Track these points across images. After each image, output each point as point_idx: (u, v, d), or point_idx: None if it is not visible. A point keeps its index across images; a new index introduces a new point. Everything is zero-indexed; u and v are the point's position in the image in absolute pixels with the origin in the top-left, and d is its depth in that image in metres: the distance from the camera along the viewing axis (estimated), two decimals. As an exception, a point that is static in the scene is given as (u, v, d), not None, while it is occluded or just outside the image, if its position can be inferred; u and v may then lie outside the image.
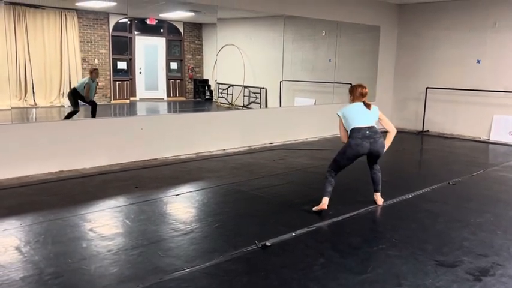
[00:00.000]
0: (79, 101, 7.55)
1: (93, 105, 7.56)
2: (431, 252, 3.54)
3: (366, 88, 4.58)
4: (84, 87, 7.50)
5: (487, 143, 9.15)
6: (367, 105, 4.53)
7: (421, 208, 4.71)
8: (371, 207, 4.69)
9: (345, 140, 4.50)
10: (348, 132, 4.45)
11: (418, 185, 5.55)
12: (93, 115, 7.47)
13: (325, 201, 4.41)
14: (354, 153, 4.38)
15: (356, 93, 4.57)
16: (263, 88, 10.01)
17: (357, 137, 4.35)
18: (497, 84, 9.21)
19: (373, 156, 4.54)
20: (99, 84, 8.92)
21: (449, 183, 5.74)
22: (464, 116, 9.85)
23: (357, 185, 4.83)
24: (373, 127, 4.41)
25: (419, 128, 10.44)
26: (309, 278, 3.08)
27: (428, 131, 10.33)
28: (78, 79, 8.39)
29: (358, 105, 4.53)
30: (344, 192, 5.04)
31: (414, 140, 9.60)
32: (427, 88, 10.26)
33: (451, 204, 4.86)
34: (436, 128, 10.29)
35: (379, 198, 4.76)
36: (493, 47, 9.30)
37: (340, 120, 4.54)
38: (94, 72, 7.84)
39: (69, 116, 7.31)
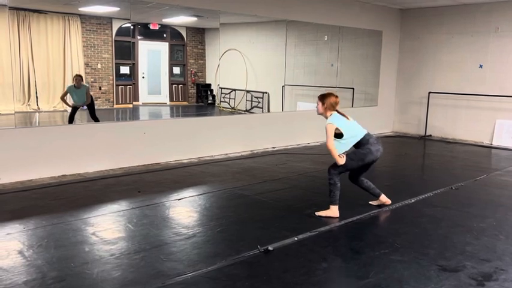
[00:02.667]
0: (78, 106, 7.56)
1: (90, 108, 7.55)
2: (434, 257, 3.54)
3: (338, 97, 4.41)
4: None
5: (490, 147, 9.13)
6: (343, 114, 4.42)
7: (424, 213, 4.71)
8: (373, 211, 4.69)
9: (330, 145, 4.27)
10: (356, 138, 4.37)
11: (421, 190, 5.54)
12: (93, 117, 7.45)
13: (336, 209, 4.43)
14: (373, 158, 4.41)
15: (330, 100, 4.36)
16: (265, 92, 10.03)
17: (374, 143, 4.40)
18: (500, 89, 9.21)
19: (374, 163, 4.54)
20: (101, 88, 8.96)
21: (451, 187, 5.73)
22: (466, 121, 9.85)
23: (358, 189, 4.83)
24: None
25: (422, 133, 10.43)
26: (311, 283, 3.08)
27: (430, 135, 10.32)
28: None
29: (339, 116, 4.38)
30: (345, 197, 5.02)
31: (416, 144, 9.59)
32: (430, 92, 10.26)
33: (453, 209, 4.86)
34: (438, 133, 10.29)
35: (386, 198, 4.77)
36: (495, 52, 9.31)
37: (332, 129, 4.28)
38: (74, 79, 7.80)
39: (71, 117, 7.33)
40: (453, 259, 3.51)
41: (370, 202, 4.86)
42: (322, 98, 4.40)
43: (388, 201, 4.79)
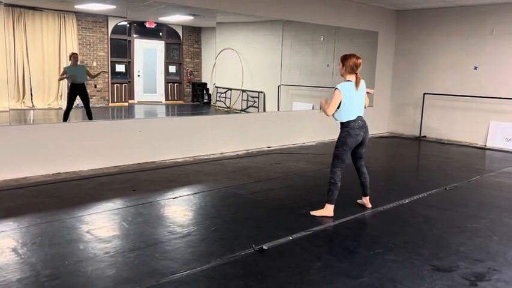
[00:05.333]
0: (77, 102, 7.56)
1: (87, 107, 7.55)
2: (428, 257, 3.56)
3: (360, 59, 4.36)
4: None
5: (484, 149, 9.18)
6: (357, 83, 4.34)
7: (418, 213, 4.73)
8: (367, 211, 4.71)
9: (330, 113, 4.30)
10: (341, 118, 4.39)
11: (415, 190, 5.56)
12: (89, 116, 7.46)
13: (332, 209, 4.44)
14: (354, 142, 4.40)
15: (350, 63, 4.32)
16: (261, 92, 10.04)
17: (354, 127, 4.38)
18: (495, 91, 9.26)
19: (362, 145, 4.51)
20: (97, 86, 8.93)
21: (445, 188, 5.76)
22: (461, 122, 9.90)
23: (352, 189, 4.86)
24: (362, 116, 4.49)
25: (417, 134, 10.47)
26: (306, 282, 3.09)
27: (425, 136, 10.36)
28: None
29: (352, 87, 4.33)
30: (340, 196, 5.04)
31: (411, 145, 9.63)
32: (425, 94, 10.30)
33: (447, 210, 4.88)
34: (433, 134, 10.33)
35: (368, 202, 4.81)
36: (490, 54, 9.36)
37: (338, 99, 4.28)
38: (72, 57, 7.82)
39: (66, 115, 7.32)
40: (447, 259, 3.53)
41: (358, 201, 4.88)
42: (343, 59, 4.39)
43: (369, 205, 4.81)
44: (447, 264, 3.44)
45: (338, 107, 4.36)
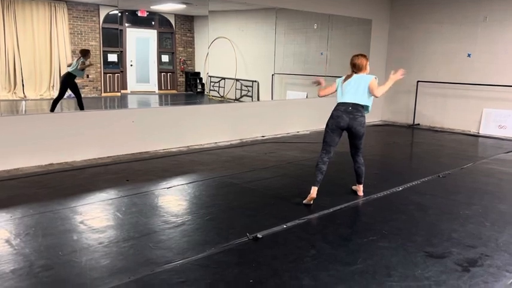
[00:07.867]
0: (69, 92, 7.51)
1: (78, 97, 7.51)
2: (421, 244, 3.58)
3: (353, 58, 4.83)
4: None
5: (477, 136, 9.23)
6: (345, 78, 4.75)
7: (411, 200, 4.76)
8: (361, 199, 4.73)
9: (319, 93, 4.83)
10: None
11: (408, 178, 5.59)
12: (81, 107, 7.42)
13: (313, 191, 4.45)
14: (335, 124, 4.49)
15: (350, 63, 4.81)
16: (255, 81, 10.01)
17: (338, 109, 4.52)
18: (487, 78, 9.28)
19: (352, 135, 4.57)
20: (89, 76, 8.86)
21: (439, 176, 5.79)
22: (454, 110, 9.93)
23: (346, 177, 4.87)
24: (357, 105, 4.54)
25: (410, 121, 10.50)
26: (300, 270, 3.10)
27: (419, 124, 10.39)
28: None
29: (350, 80, 4.71)
30: (333, 184, 5.07)
31: (405, 133, 9.66)
32: (418, 81, 10.31)
33: (440, 197, 4.91)
34: (426, 121, 10.36)
35: (360, 190, 4.83)
36: (483, 41, 9.36)
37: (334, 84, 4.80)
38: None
39: (54, 105, 7.26)
40: (440, 246, 3.56)
41: (352, 187, 4.90)
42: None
43: (360, 193, 4.83)
44: (440, 250, 3.47)
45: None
